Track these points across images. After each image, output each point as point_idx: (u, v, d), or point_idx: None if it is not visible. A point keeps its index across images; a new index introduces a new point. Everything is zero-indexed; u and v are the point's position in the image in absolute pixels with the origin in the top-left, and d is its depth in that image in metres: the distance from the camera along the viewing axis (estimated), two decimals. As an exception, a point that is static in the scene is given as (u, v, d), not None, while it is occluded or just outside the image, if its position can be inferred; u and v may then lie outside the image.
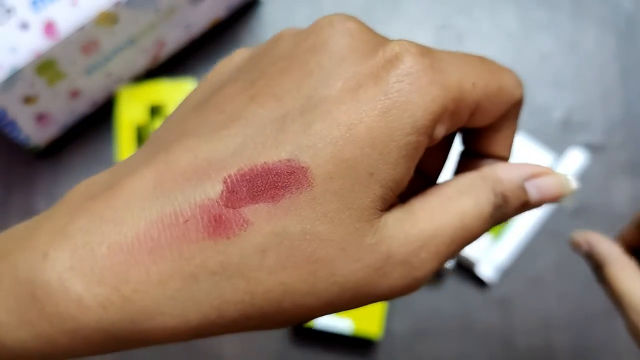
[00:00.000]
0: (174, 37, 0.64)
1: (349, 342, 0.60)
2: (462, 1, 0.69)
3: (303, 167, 0.19)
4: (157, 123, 0.64)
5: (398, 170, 0.20)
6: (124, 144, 0.61)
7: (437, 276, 0.61)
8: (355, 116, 0.19)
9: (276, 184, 0.19)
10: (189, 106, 0.22)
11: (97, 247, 0.19)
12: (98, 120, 0.66)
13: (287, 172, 0.19)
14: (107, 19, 0.55)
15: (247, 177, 0.19)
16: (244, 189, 0.19)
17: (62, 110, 0.61)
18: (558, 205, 0.61)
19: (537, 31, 0.69)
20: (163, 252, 0.19)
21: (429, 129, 0.20)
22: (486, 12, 0.69)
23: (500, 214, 0.22)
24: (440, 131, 0.21)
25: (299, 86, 0.20)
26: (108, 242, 0.19)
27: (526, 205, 0.23)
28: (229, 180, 0.19)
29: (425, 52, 0.21)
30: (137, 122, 0.62)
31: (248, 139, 0.20)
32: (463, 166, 0.25)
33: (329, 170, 0.19)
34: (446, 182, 0.22)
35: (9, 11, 0.52)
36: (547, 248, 0.63)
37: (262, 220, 0.19)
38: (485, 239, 0.60)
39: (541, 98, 0.67)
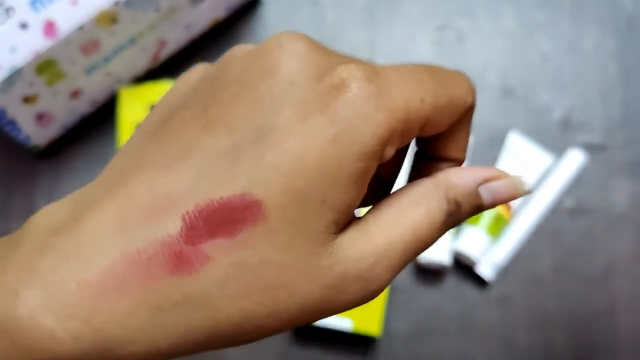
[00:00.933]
0: (174, 37, 0.64)
1: (349, 341, 0.60)
2: (462, 1, 0.70)
3: (257, 201, 0.20)
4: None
5: (349, 195, 0.21)
6: (124, 143, 0.61)
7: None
8: (304, 146, 0.20)
9: (233, 219, 0.20)
10: (145, 133, 0.22)
11: (66, 285, 0.19)
12: (98, 120, 0.66)
13: (243, 206, 0.20)
14: (107, 18, 0.55)
15: (204, 213, 0.20)
16: (202, 225, 0.20)
17: (62, 110, 0.61)
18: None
19: (537, 31, 0.69)
20: (128, 287, 0.20)
21: (377, 154, 0.21)
22: (486, 12, 0.69)
23: (452, 220, 0.23)
24: (390, 151, 0.21)
25: (250, 115, 0.21)
26: (76, 280, 0.20)
27: (479, 208, 0.24)
28: (187, 216, 0.20)
29: (371, 76, 0.21)
30: (138, 122, 0.62)
31: (203, 172, 0.20)
32: (418, 169, 0.26)
33: (283, 201, 0.20)
34: (400, 192, 0.23)
35: (8, 11, 0.52)
36: (546, 247, 0.63)
37: (221, 255, 0.20)
38: (485, 239, 0.60)
39: (541, 98, 0.67)
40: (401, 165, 0.26)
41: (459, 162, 0.25)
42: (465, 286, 0.62)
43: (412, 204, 0.22)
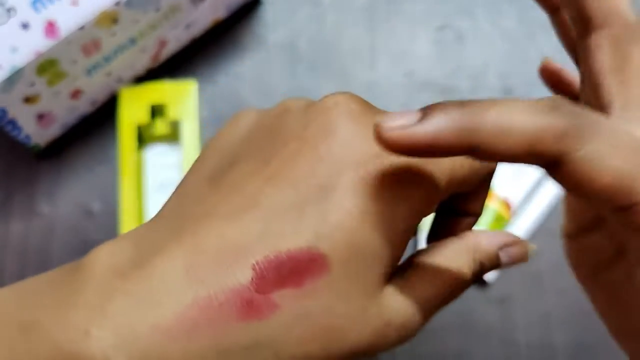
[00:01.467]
0: (175, 37, 0.64)
1: (349, 342, 0.60)
2: (462, 1, 0.70)
3: (322, 255, 0.21)
4: (158, 123, 0.64)
5: (397, 251, 0.23)
6: (125, 144, 0.61)
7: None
8: (365, 206, 0.22)
9: (299, 270, 0.21)
10: (203, 177, 0.24)
11: (138, 327, 0.20)
12: (99, 120, 0.66)
13: (308, 259, 0.21)
14: (108, 18, 0.55)
15: (273, 264, 0.21)
16: (271, 275, 0.21)
17: (63, 110, 0.61)
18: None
19: (537, 31, 0.69)
20: (200, 332, 0.20)
21: (424, 214, 0.23)
22: (486, 12, 0.69)
23: (476, 278, 0.26)
24: (433, 208, 0.24)
25: (313, 173, 0.22)
26: (148, 323, 0.20)
27: (496, 267, 0.27)
28: (257, 266, 0.21)
29: None
30: (138, 122, 0.62)
31: (270, 225, 0.21)
32: (441, 222, 0.28)
33: (344, 256, 0.22)
34: (436, 251, 0.25)
35: (9, 11, 0.52)
36: (547, 247, 0.63)
37: (289, 303, 0.21)
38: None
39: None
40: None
41: (476, 216, 0.28)
42: (465, 286, 0.62)
43: (447, 263, 0.25)
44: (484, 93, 0.67)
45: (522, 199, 0.63)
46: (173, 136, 0.65)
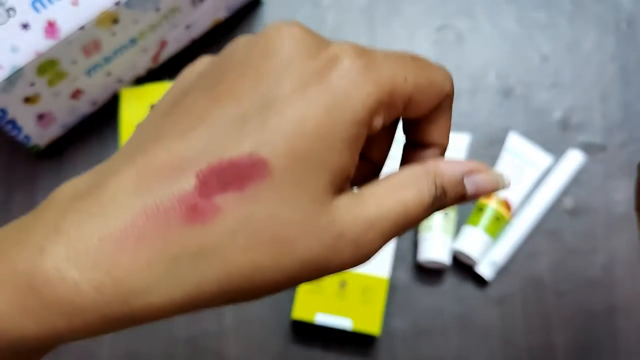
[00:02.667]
0: (175, 38, 0.64)
1: (349, 341, 0.61)
2: (462, 1, 0.70)
3: (263, 160, 0.22)
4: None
5: (343, 158, 0.23)
6: (125, 143, 0.62)
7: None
8: (304, 113, 0.23)
9: (241, 175, 0.22)
10: (159, 111, 0.25)
11: (89, 239, 0.21)
12: (99, 120, 0.66)
13: (250, 165, 0.22)
14: (108, 19, 0.55)
15: (216, 171, 0.22)
16: (214, 181, 0.22)
17: (63, 110, 0.61)
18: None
19: (537, 31, 0.69)
20: (148, 239, 0.21)
21: (367, 121, 0.24)
22: (486, 13, 0.69)
23: (439, 204, 0.26)
24: (378, 122, 0.24)
25: (255, 88, 0.23)
26: (98, 234, 0.21)
27: (463, 198, 0.27)
28: (200, 174, 0.22)
29: (361, 53, 0.24)
30: (139, 122, 0.62)
31: (214, 137, 0.23)
32: (407, 157, 0.29)
33: (286, 162, 0.22)
34: (394, 174, 0.25)
35: (9, 11, 0.52)
36: (546, 247, 0.63)
37: (232, 207, 0.22)
38: (485, 239, 0.60)
39: (541, 98, 0.67)
40: (389, 148, 0.29)
41: (442, 147, 0.28)
42: (465, 286, 0.62)
43: (404, 184, 0.25)
44: (484, 93, 0.67)
45: (522, 199, 0.63)
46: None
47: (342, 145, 0.23)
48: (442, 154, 0.28)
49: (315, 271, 0.23)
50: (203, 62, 0.26)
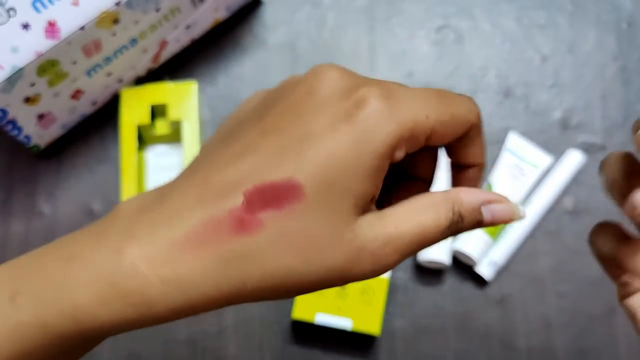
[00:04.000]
0: (175, 38, 0.64)
1: (350, 341, 0.61)
2: (462, 1, 0.70)
3: (298, 184, 0.27)
4: (159, 123, 0.64)
5: (366, 185, 0.27)
6: (126, 144, 0.62)
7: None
8: (334, 146, 0.27)
9: (280, 196, 0.27)
10: (218, 137, 0.30)
11: (158, 243, 0.27)
12: (99, 120, 0.66)
13: (287, 188, 0.27)
14: (108, 19, 0.55)
15: (260, 191, 0.27)
16: (258, 200, 0.27)
17: (63, 111, 0.61)
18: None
19: (537, 31, 0.69)
20: (205, 244, 0.26)
21: (388, 154, 0.28)
22: (486, 13, 0.69)
23: (455, 228, 0.29)
24: (399, 154, 0.28)
25: (295, 123, 0.28)
26: (166, 239, 0.27)
27: (479, 224, 0.30)
28: (247, 193, 0.27)
29: (387, 94, 0.28)
30: (139, 122, 0.62)
31: (259, 163, 0.27)
32: (454, 176, 0.33)
33: (317, 187, 0.27)
34: (416, 198, 0.29)
35: (9, 11, 0.52)
36: (546, 247, 0.63)
37: (271, 221, 0.27)
38: (485, 239, 0.61)
39: (540, 98, 0.67)
40: (434, 166, 0.33)
41: (479, 167, 0.32)
42: (464, 286, 0.62)
43: (424, 208, 0.29)
44: (484, 93, 0.67)
45: (522, 199, 0.63)
46: (174, 137, 0.65)
47: (365, 175, 0.27)
48: (481, 171, 0.32)
49: (339, 278, 0.28)
50: (257, 96, 0.31)
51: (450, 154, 0.32)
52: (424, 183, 0.33)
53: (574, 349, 0.61)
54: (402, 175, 0.33)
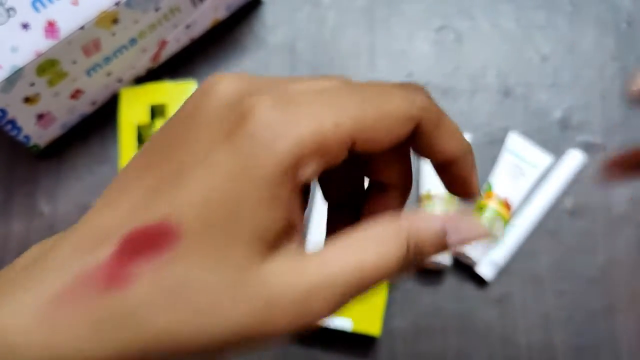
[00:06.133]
0: (175, 38, 0.64)
1: (350, 341, 0.61)
2: (461, 2, 0.70)
3: (172, 226, 0.22)
4: (158, 123, 0.64)
5: (262, 220, 0.22)
6: (125, 144, 0.62)
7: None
8: (208, 182, 0.22)
9: (152, 242, 0.22)
10: (119, 174, 0.26)
11: (31, 301, 0.22)
12: (99, 120, 0.66)
13: (160, 232, 0.22)
14: (108, 19, 0.55)
15: (131, 239, 0.22)
16: (129, 249, 0.22)
17: (63, 110, 0.61)
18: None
19: (537, 31, 0.69)
20: (76, 303, 0.22)
21: (283, 179, 0.22)
22: (485, 13, 0.69)
23: (410, 264, 0.24)
24: (307, 171, 0.23)
25: (173, 153, 0.23)
26: (39, 296, 0.22)
27: (443, 249, 0.25)
28: (118, 242, 0.22)
29: (281, 102, 0.22)
30: (139, 122, 0.62)
31: (133, 205, 0.23)
32: (441, 177, 0.27)
33: (196, 229, 0.22)
34: (357, 231, 0.24)
35: (9, 11, 0.52)
36: (546, 247, 0.63)
37: (146, 273, 0.22)
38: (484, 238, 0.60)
39: (540, 98, 0.67)
40: (408, 167, 0.27)
41: (401, 189, 0.27)
42: (465, 285, 0.62)
43: (365, 243, 0.23)
44: (484, 93, 0.67)
45: (522, 199, 0.63)
46: (173, 136, 0.65)
47: (256, 208, 0.22)
48: (469, 158, 0.26)
49: (250, 339, 0.22)
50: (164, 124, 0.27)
51: (420, 154, 0.26)
52: (399, 190, 0.28)
53: (574, 346, 0.61)
54: (374, 185, 0.28)
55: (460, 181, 0.27)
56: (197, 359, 0.23)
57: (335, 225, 0.29)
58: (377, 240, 0.23)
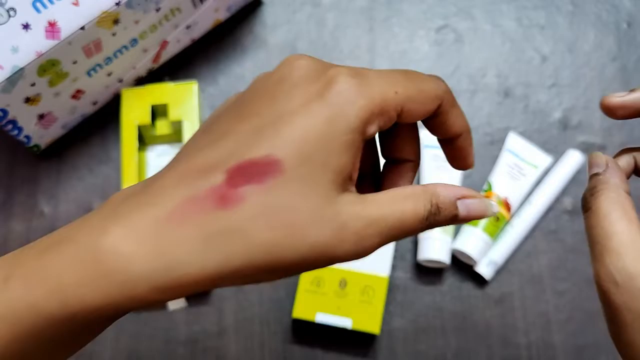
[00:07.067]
0: (176, 38, 0.64)
1: (350, 340, 0.61)
2: (461, 2, 0.70)
3: (277, 160, 0.27)
4: (159, 123, 0.64)
5: (342, 159, 0.28)
6: (126, 144, 0.62)
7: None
8: (308, 123, 0.28)
9: (260, 172, 0.27)
10: (197, 133, 0.31)
11: (141, 222, 0.27)
12: (100, 120, 0.66)
13: (267, 163, 0.27)
14: (109, 19, 0.55)
15: (241, 168, 0.27)
16: (239, 176, 0.27)
17: (63, 111, 0.62)
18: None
19: (537, 31, 0.69)
20: (187, 221, 0.27)
21: (361, 129, 0.28)
22: (485, 13, 0.70)
23: (433, 219, 0.30)
24: (372, 129, 0.29)
25: (270, 106, 0.29)
26: (148, 218, 0.27)
27: (455, 218, 0.31)
28: (228, 171, 0.27)
29: (354, 74, 0.29)
30: (140, 122, 0.62)
31: (239, 144, 0.28)
32: (445, 150, 0.34)
33: (295, 162, 0.27)
34: (396, 188, 0.30)
35: (10, 11, 0.52)
36: (545, 247, 0.63)
37: (253, 196, 0.27)
38: (484, 238, 0.61)
39: (540, 98, 0.67)
40: (418, 144, 0.34)
41: (465, 132, 0.33)
42: (464, 285, 0.62)
43: (404, 197, 0.29)
44: (484, 93, 0.67)
45: (522, 199, 0.63)
46: (174, 137, 0.65)
47: (340, 149, 0.28)
48: (468, 136, 0.34)
49: (322, 256, 0.28)
50: (231, 97, 0.32)
51: (433, 131, 0.33)
52: (411, 164, 0.34)
53: (573, 346, 0.61)
54: (390, 162, 0.34)
55: (463, 153, 0.34)
56: (282, 274, 0.28)
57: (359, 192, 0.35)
58: (411, 196, 0.29)
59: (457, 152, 0.34)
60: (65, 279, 0.26)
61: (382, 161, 0.35)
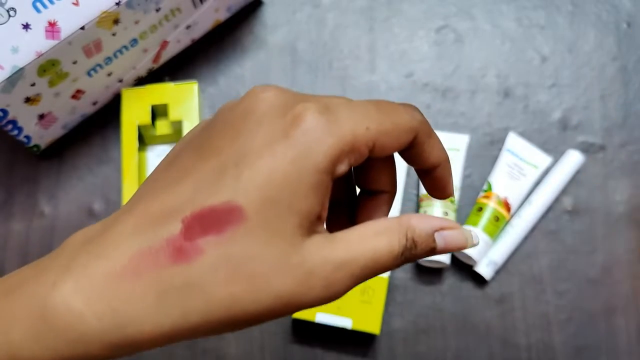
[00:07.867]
0: (176, 38, 0.64)
1: (350, 340, 0.61)
2: (461, 2, 0.70)
3: (238, 206, 0.26)
4: (159, 124, 0.64)
5: (309, 202, 0.26)
6: (127, 144, 0.62)
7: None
8: (272, 165, 0.26)
9: (220, 221, 0.25)
10: (158, 169, 0.29)
11: (93, 276, 0.25)
12: (100, 120, 0.66)
13: (227, 211, 0.26)
14: (109, 19, 0.55)
15: (198, 217, 0.26)
16: (197, 226, 0.25)
17: (64, 111, 0.62)
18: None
19: (537, 32, 0.69)
20: (141, 275, 0.25)
21: (329, 169, 0.27)
22: (485, 13, 0.70)
23: (409, 255, 0.28)
24: (342, 167, 0.27)
25: (232, 144, 0.27)
26: (101, 272, 0.25)
27: (432, 251, 0.29)
28: (185, 220, 0.26)
29: (323, 109, 0.27)
30: (140, 122, 0.62)
31: (198, 188, 0.26)
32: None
33: (258, 208, 0.26)
34: (368, 223, 0.28)
35: (10, 11, 0.52)
36: (545, 247, 0.63)
37: (212, 248, 0.25)
38: (484, 239, 0.61)
39: (540, 99, 0.67)
40: (393, 175, 0.32)
41: (443, 162, 0.31)
42: (464, 285, 0.62)
43: (377, 233, 0.28)
44: (484, 93, 0.67)
45: (522, 199, 0.63)
46: (174, 137, 0.65)
47: (307, 190, 0.26)
48: (447, 166, 0.32)
49: (289, 305, 0.26)
50: (199, 125, 0.30)
51: (410, 162, 0.32)
52: (387, 195, 0.33)
53: (573, 347, 0.61)
54: (365, 193, 0.33)
55: (441, 183, 0.32)
56: (245, 326, 0.26)
57: (331, 228, 0.33)
58: (385, 231, 0.28)
59: (435, 182, 0.32)
60: (14, 335, 0.25)
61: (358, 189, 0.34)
